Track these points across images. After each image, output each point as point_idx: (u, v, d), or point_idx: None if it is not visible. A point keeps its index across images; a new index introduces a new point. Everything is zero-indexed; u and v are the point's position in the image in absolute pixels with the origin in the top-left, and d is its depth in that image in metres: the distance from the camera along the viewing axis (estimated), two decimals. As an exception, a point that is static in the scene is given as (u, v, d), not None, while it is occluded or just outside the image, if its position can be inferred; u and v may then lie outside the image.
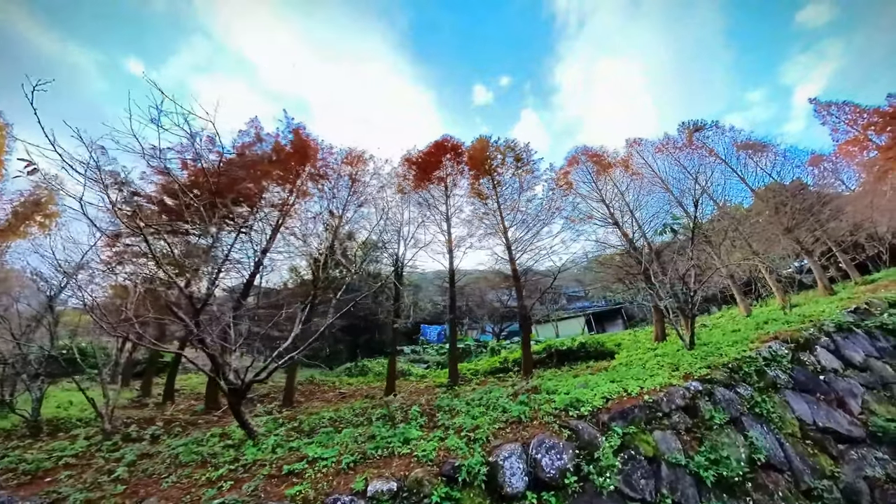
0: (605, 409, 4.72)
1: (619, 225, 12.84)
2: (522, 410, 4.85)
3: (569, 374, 8.71)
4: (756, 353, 6.44)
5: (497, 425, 4.57)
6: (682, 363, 6.51)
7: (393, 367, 11.17)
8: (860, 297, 9.41)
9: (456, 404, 6.09)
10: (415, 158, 13.57)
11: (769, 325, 8.94)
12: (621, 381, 5.92)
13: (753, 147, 17.96)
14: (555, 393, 5.57)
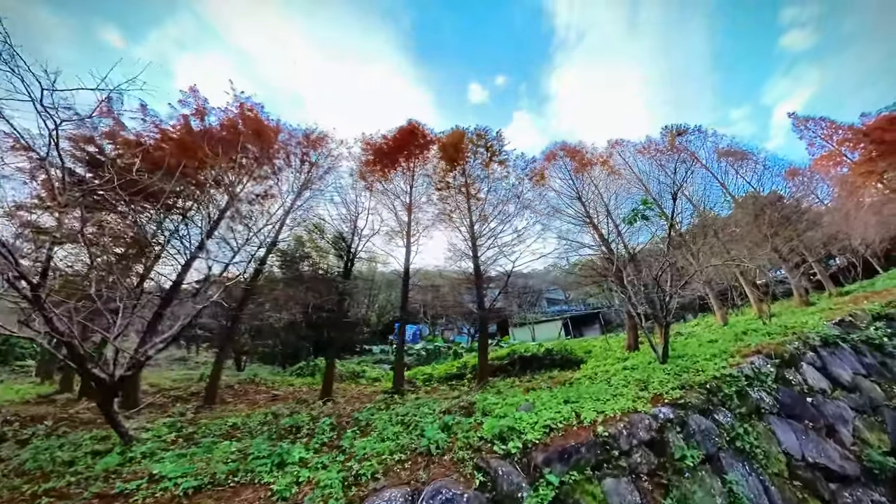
0: (543, 444, 3.58)
1: (594, 224, 11.87)
2: (437, 438, 3.75)
3: (523, 387, 7.59)
4: (738, 371, 5.43)
5: (399, 456, 3.59)
6: (653, 380, 5.43)
7: (331, 370, 9.92)
8: (843, 309, 8.64)
9: (376, 419, 5.25)
10: (377, 143, 12.25)
11: (749, 336, 8.04)
12: (577, 401, 4.80)
13: (735, 154, 17.41)
14: (490, 415, 4.40)
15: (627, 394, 4.93)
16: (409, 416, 5.25)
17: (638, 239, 12.83)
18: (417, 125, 12.48)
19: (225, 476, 3.49)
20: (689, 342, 9.26)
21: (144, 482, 3.46)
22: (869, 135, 19.26)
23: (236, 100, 11.90)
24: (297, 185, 12.63)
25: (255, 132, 12.23)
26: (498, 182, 11.89)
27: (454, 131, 12.97)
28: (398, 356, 9.94)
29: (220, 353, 11.27)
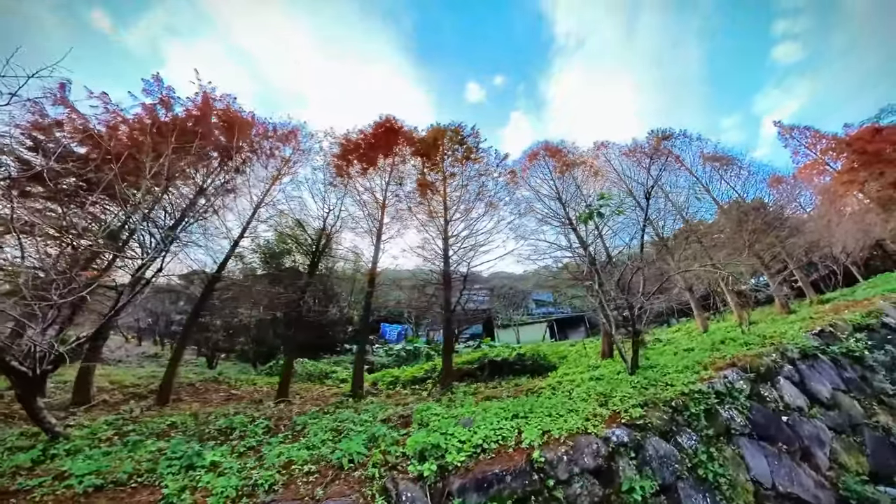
0: (464, 468, 3.08)
1: (573, 225, 11.34)
2: (353, 451, 3.46)
3: (484, 395, 7.03)
4: (708, 387, 4.89)
5: (309, 467, 3.36)
6: (616, 395, 4.87)
7: (288, 370, 9.34)
8: (823, 318, 8.20)
9: (313, 424, 5.05)
10: (352, 139, 11.61)
11: (726, 345, 7.55)
12: (527, 417, 4.23)
13: (720, 160, 17.08)
14: (426, 427, 3.84)
15: (584, 410, 4.36)
16: (346, 422, 4.93)
17: (615, 242, 12.33)
18: (394, 120, 11.85)
19: (128, 477, 3.41)
20: (666, 350, 8.76)
21: (49, 479, 3.35)
22: (851, 145, 19.16)
23: (202, 90, 11.13)
24: (267, 180, 11.94)
25: (227, 124, 11.51)
26: (473, 180, 11.29)
27: (433, 129, 12.36)
28: (358, 358, 9.29)
29: (177, 351, 10.51)
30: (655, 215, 14.94)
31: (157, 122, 10.59)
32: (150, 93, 10.67)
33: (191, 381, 11.86)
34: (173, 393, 9.56)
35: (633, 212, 14.87)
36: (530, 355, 9.59)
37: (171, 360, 9.66)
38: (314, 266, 11.34)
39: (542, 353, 10.04)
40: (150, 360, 20.02)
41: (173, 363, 9.49)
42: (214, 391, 11.56)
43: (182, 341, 11.08)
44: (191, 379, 12.21)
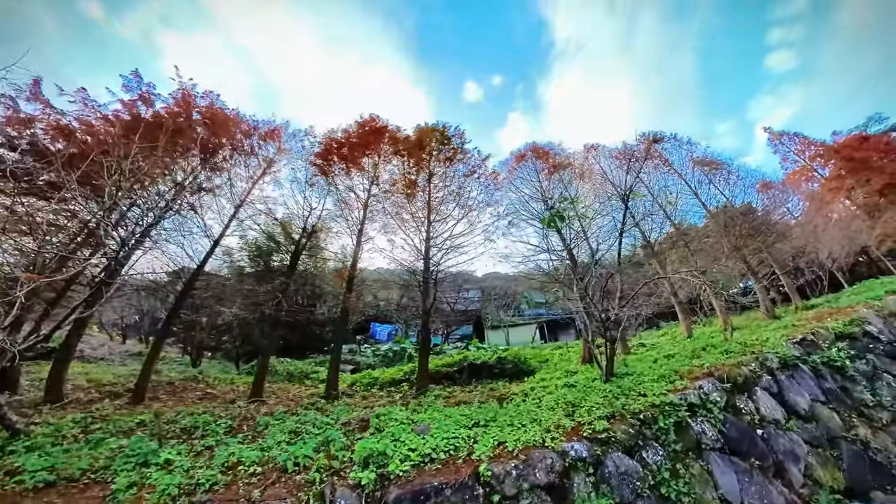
0: (406, 478, 2.95)
1: (558, 228, 11.08)
2: (301, 454, 3.46)
3: (456, 399, 6.80)
4: (681, 398, 4.64)
5: (256, 468, 3.39)
6: (584, 405, 4.62)
7: (262, 371, 9.09)
8: (805, 326, 7.99)
9: (276, 425, 5.09)
10: (336, 138, 11.29)
11: (707, 352, 7.33)
12: (488, 425, 4.02)
13: (709, 164, 16.92)
14: (381, 433, 3.82)
15: (548, 420, 4.11)
16: (307, 425, 4.89)
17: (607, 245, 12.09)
18: (377, 119, 11.54)
19: (81, 473, 3.44)
20: (646, 356, 8.53)
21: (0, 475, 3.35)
22: (839, 152, 19.10)
23: (182, 86, 10.77)
24: (249, 178, 11.64)
25: (210, 122, 11.17)
26: (457, 180, 11.01)
27: (420, 129, 12.05)
28: (334, 360, 9.02)
29: (153, 349, 10.24)
30: (642, 218, 14.76)
31: (136, 118, 10.22)
32: (130, 89, 10.30)
33: (171, 380, 11.67)
34: (151, 392, 9.48)
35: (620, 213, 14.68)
36: (511, 359, 9.33)
37: (148, 358, 9.44)
38: (293, 265, 11.04)
39: (522, 356, 9.77)
40: (133, 358, 19.58)
41: (149, 362, 9.29)
42: (192, 390, 11.32)
43: (159, 340, 10.83)
44: (171, 378, 12.00)
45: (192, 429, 5.36)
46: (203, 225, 11.11)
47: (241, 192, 11.51)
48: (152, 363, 9.40)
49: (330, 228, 11.93)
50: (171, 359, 19.32)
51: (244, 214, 11.57)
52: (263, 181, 11.87)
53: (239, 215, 11.36)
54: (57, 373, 8.29)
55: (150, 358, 9.42)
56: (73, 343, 9.18)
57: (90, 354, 18.00)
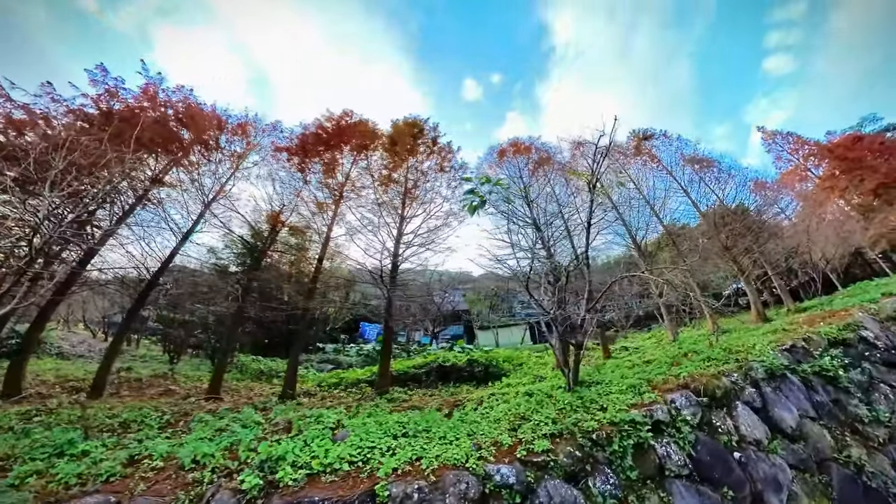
0: (294, 489, 2.71)
1: (537, 226, 10.39)
2: (201, 452, 3.32)
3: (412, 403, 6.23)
4: (646, 415, 3.93)
5: (159, 463, 3.28)
6: (534, 418, 3.94)
7: (220, 369, 8.70)
8: (796, 331, 7.26)
9: (209, 421, 5.01)
10: (311, 133, 10.64)
11: (689, 358, 6.61)
12: (417, 436, 3.57)
13: (700, 162, 16.18)
14: (301, 434, 3.66)
15: (486, 434, 3.52)
16: (237, 423, 4.73)
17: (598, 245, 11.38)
18: (349, 113, 10.90)
19: None
20: (623, 361, 7.82)
21: None
22: (833, 151, 18.37)
23: (148, 81, 10.14)
24: (219, 174, 11.06)
25: (186, 117, 10.57)
26: (432, 176, 10.33)
27: (397, 125, 11.36)
28: (292, 360, 8.45)
29: (113, 345, 9.69)
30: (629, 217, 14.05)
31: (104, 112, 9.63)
32: (97, 83, 9.69)
33: (139, 377, 11.37)
34: (114, 388, 9.28)
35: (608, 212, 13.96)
36: (482, 362, 8.66)
37: (107, 354, 9.15)
38: (258, 262, 10.45)
39: (495, 359, 9.08)
40: None
41: (108, 358, 8.98)
42: (157, 386, 11.06)
43: (119, 336, 10.50)
44: (141, 374, 11.67)
45: (129, 423, 5.34)
46: (172, 222, 10.60)
47: (212, 189, 10.93)
48: (112, 359, 9.05)
49: (307, 226, 11.32)
50: (152, 356, 18.74)
51: (215, 210, 10.97)
52: (235, 177, 11.28)
53: (210, 211, 10.77)
54: (15, 368, 8.14)
55: (110, 353, 9.10)
56: (33, 338, 8.90)
57: (69, 351, 17.47)
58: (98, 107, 9.67)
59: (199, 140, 10.87)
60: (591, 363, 9.11)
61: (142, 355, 19.21)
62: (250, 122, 11.58)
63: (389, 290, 8.16)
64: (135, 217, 10.59)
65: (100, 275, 11.93)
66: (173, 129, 10.54)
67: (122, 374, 11.83)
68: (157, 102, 10.48)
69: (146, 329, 20.40)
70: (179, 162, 10.72)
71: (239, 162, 11.28)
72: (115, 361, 9.49)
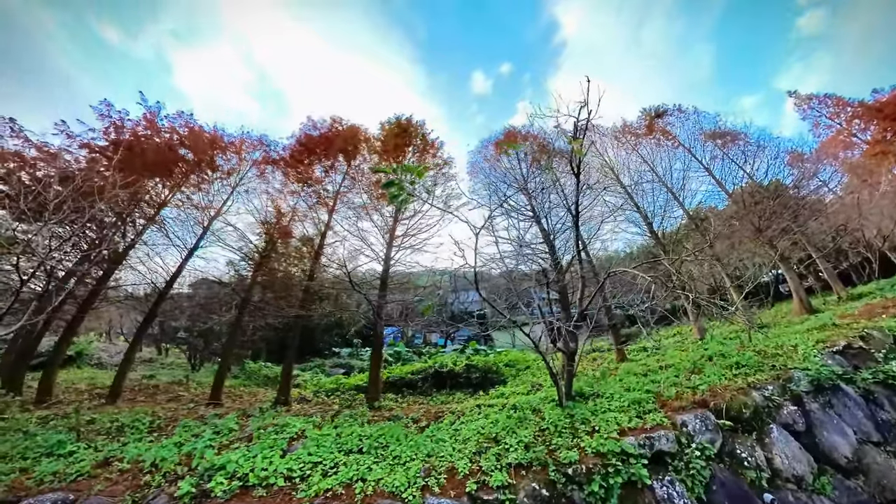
0: (221, 500, 2.66)
1: (538, 219, 9.47)
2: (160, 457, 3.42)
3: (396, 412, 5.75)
4: (644, 443, 3.07)
5: (125, 465, 3.38)
6: (507, 441, 3.25)
7: (220, 375, 8.72)
8: (851, 326, 5.92)
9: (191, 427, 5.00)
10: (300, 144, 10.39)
11: (713, 363, 5.55)
12: (372, 453, 3.39)
13: (723, 136, 14.42)
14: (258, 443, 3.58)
15: (445, 458, 3.18)
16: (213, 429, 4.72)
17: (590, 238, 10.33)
18: (338, 120, 10.54)
19: None
20: (638, 367, 6.78)
21: None
22: (882, 111, 15.78)
23: (148, 110, 10.41)
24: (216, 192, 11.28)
25: (190, 140, 10.81)
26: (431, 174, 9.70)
27: (385, 127, 10.82)
28: (284, 368, 8.31)
29: (129, 353, 10.01)
30: (643, 202, 12.69)
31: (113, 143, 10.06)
32: (104, 117, 10.08)
33: (157, 383, 11.82)
34: (131, 393, 9.76)
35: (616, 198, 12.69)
36: (481, 367, 7.92)
37: (122, 362, 9.65)
38: (257, 270, 10.36)
39: (495, 364, 8.29)
40: (144, 363, 20.05)
41: (123, 366, 9.48)
42: (169, 392, 11.49)
43: (132, 347, 11.24)
44: (161, 381, 12.16)
45: (124, 427, 5.46)
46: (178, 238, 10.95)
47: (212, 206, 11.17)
48: (127, 366, 9.54)
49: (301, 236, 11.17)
50: (178, 364, 19.54)
51: (216, 225, 11.16)
52: (236, 192, 11.41)
53: (211, 231, 11.02)
54: (46, 376, 8.67)
55: (125, 361, 9.57)
56: (61, 350, 9.52)
57: (107, 361, 18.50)
58: (106, 138, 10.04)
59: (200, 161, 11.02)
60: (604, 366, 8.11)
61: (169, 363, 20.06)
62: (245, 138, 11.61)
63: (379, 296, 7.64)
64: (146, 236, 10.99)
65: (115, 292, 12.45)
66: (176, 153, 10.80)
67: (143, 381, 12.39)
68: (157, 129, 10.74)
69: (176, 339, 21.27)
70: (183, 183, 10.97)
71: (236, 179, 11.39)
72: (129, 369, 9.92)
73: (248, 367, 14.25)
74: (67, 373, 14.85)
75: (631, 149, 14.20)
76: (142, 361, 20.80)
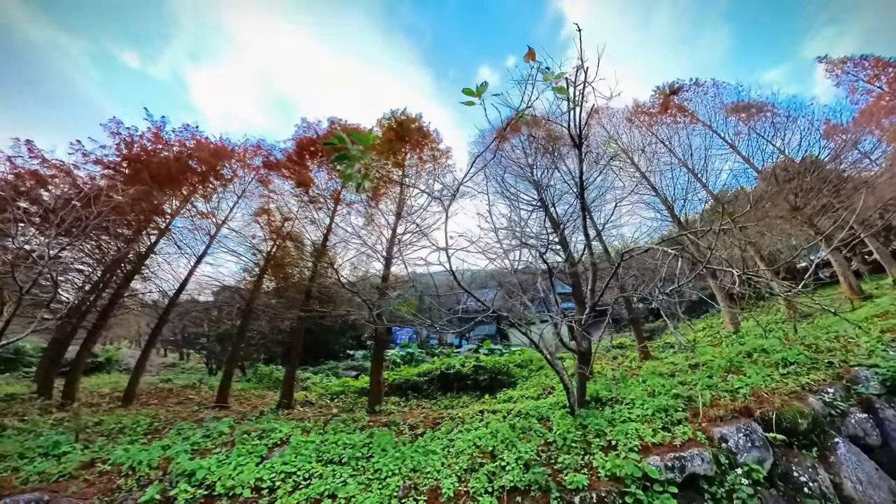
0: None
1: (545, 208, 8.80)
2: (138, 460, 3.29)
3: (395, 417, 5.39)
4: (673, 464, 2.47)
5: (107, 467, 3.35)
6: (505, 457, 2.75)
7: (226, 379, 8.66)
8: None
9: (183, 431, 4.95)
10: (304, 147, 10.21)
11: (753, 363, 4.79)
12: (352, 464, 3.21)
13: (748, 109, 13.17)
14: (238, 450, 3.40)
15: (432, 474, 2.68)
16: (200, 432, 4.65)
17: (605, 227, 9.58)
18: (336, 122, 10.28)
19: None
20: (664, 365, 6.06)
21: None
22: None
23: (154, 125, 10.53)
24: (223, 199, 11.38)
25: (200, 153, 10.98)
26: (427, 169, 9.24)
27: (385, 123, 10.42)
28: (288, 372, 8.12)
29: (141, 358, 10.21)
30: (662, 185, 11.72)
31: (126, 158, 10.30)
32: (115, 134, 10.29)
33: (171, 387, 12.25)
34: (146, 396, 10.09)
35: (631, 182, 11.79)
36: (489, 368, 7.38)
37: (136, 367, 9.90)
38: (262, 275, 10.29)
39: (505, 365, 7.73)
40: (168, 368, 20.73)
41: (137, 370, 9.64)
42: (181, 396, 11.73)
43: (144, 352, 11.57)
44: (175, 385, 12.60)
45: (124, 429, 5.45)
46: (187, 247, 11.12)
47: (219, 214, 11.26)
48: (140, 371, 9.84)
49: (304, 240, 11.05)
50: (198, 368, 20.03)
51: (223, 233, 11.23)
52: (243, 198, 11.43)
53: (221, 233, 11.12)
54: (70, 381, 9.03)
55: (138, 366, 9.83)
56: (83, 356, 9.91)
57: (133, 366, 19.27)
58: (118, 154, 10.26)
59: (206, 171, 11.11)
60: (623, 366, 7.38)
61: (189, 368, 20.63)
62: (247, 146, 11.59)
63: (379, 296, 7.25)
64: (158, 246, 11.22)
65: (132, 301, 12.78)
66: (184, 164, 10.92)
67: (160, 384, 12.69)
68: (164, 142, 10.89)
69: (195, 344, 21.83)
70: (192, 194, 11.11)
71: (240, 186, 11.41)
72: (142, 373, 10.20)
73: (260, 370, 14.29)
74: (97, 378, 15.41)
75: (645, 129, 13.22)
76: (164, 366, 21.51)
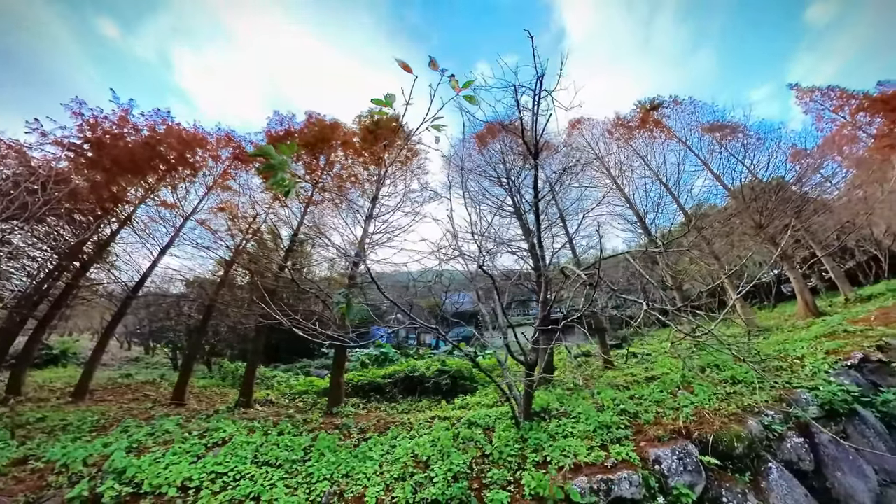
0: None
1: (519, 214, 8.68)
2: (72, 458, 3.22)
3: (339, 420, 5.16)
4: (599, 486, 2.29)
5: (39, 465, 3.33)
6: (435, 469, 2.53)
7: (183, 376, 8.28)
8: (866, 334, 5.03)
9: (129, 429, 4.78)
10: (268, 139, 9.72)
11: (703, 380, 4.72)
12: (285, 466, 3.09)
13: (721, 129, 13.51)
14: None
15: (362, 480, 2.90)
16: (145, 430, 4.52)
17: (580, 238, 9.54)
18: (312, 115, 9.85)
19: None
20: (620, 377, 5.98)
21: None
22: (888, 103, 14.74)
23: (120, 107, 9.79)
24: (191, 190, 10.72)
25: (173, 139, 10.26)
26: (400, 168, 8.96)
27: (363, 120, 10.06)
28: (248, 369, 7.71)
29: (96, 351, 9.63)
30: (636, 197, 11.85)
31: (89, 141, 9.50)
32: (78, 115, 9.48)
33: (129, 383, 11.53)
34: (101, 392, 9.70)
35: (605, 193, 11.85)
36: (453, 372, 7.18)
37: (90, 361, 9.50)
38: (227, 273, 9.74)
39: (466, 370, 7.55)
40: (131, 363, 19.62)
41: (91, 364, 9.27)
42: (138, 392, 11.06)
43: (99, 346, 10.77)
44: (134, 380, 11.87)
45: (69, 426, 5.35)
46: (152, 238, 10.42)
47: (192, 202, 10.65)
48: (94, 365, 9.35)
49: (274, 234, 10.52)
50: (163, 364, 19.06)
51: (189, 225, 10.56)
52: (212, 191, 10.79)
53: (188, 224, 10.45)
54: (15, 374, 8.58)
55: (92, 360, 9.34)
56: (31, 348, 9.39)
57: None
58: (80, 135, 9.48)
59: (175, 159, 10.45)
60: (586, 373, 7.30)
61: (154, 362, 19.61)
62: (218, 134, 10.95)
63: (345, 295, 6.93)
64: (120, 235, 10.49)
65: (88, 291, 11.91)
66: (153, 150, 10.22)
67: (119, 380, 11.90)
68: (131, 125, 10.16)
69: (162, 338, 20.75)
70: (160, 182, 10.42)
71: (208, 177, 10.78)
72: (96, 368, 9.56)
73: (224, 367, 13.62)
74: (51, 372, 14.33)
75: (623, 142, 13.36)
76: (128, 360, 20.31)
